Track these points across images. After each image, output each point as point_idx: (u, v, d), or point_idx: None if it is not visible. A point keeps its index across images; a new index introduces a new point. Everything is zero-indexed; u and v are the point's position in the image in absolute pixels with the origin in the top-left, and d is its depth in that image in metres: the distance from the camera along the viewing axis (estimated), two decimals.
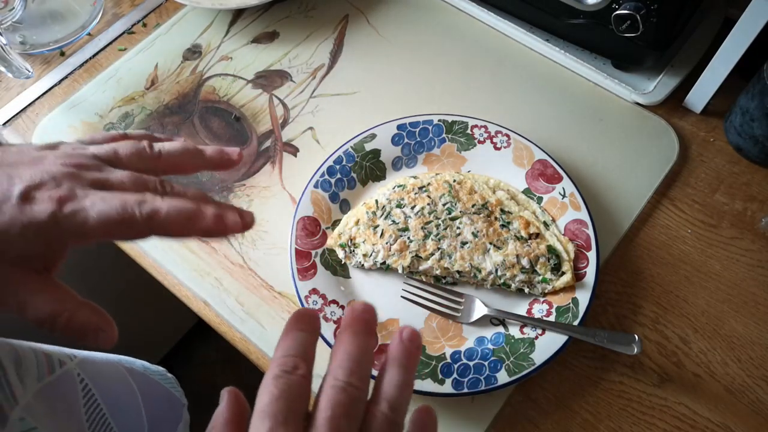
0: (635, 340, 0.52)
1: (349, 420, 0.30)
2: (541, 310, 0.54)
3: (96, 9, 0.75)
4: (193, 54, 0.72)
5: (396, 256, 0.56)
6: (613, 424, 0.51)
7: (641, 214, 0.61)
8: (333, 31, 0.74)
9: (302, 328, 0.33)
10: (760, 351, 0.54)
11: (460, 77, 0.69)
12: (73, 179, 0.33)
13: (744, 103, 0.61)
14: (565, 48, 0.69)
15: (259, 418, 0.29)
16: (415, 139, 0.63)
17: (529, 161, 0.60)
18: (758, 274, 0.57)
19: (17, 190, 0.32)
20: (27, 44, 0.71)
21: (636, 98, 0.66)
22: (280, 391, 0.30)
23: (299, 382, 0.30)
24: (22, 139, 0.66)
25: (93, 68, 0.71)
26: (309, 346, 0.33)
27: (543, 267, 0.54)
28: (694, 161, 0.64)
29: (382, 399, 0.31)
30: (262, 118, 0.68)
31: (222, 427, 0.31)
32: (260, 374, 0.56)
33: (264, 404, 0.29)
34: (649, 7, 0.58)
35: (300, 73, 0.70)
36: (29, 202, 0.31)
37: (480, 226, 0.56)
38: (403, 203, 0.57)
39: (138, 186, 0.34)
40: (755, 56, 0.59)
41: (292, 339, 0.32)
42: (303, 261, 0.56)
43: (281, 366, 0.31)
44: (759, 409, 0.52)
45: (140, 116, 0.68)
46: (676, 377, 0.53)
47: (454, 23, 0.73)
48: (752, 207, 0.61)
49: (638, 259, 0.58)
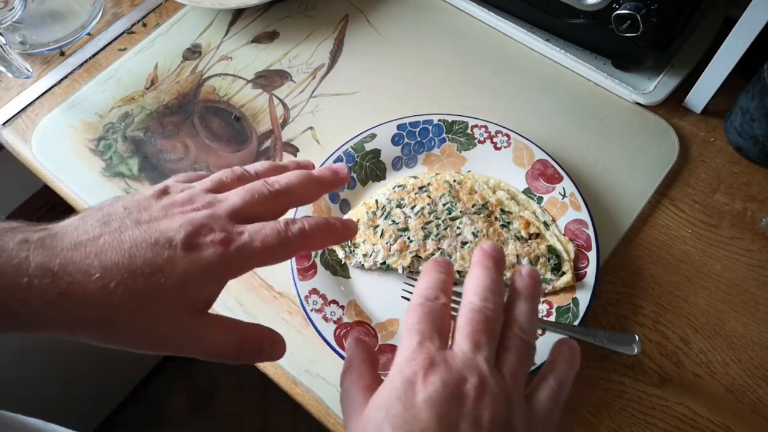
0: (635, 340, 0.52)
1: (488, 335, 0.34)
2: (542, 311, 0.54)
3: (96, 9, 0.75)
4: (193, 54, 0.72)
5: (396, 256, 0.56)
6: (614, 424, 0.51)
7: (641, 214, 0.60)
8: (333, 30, 0.74)
9: (440, 270, 0.37)
10: (761, 351, 0.54)
11: (460, 77, 0.69)
12: (217, 220, 0.35)
13: (744, 103, 0.60)
14: (565, 48, 0.69)
15: (407, 335, 0.34)
16: (415, 139, 0.62)
17: (530, 161, 0.60)
18: (758, 274, 0.57)
19: (178, 243, 0.33)
20: (27, 44, 0.71)
21: (636, 98, 0.66)
22: (425, 313, 0.34)
23: (440, 308, 0.35)
24: (21, 138, 0.66)
25: (93, 68, 0.71)
26: (446, 284, 0.37)
27: (543, 267, 0.54)
28: (695, 161, 0.64)
29: (514, 323, 0.35)
30: (262, 117, 0.68)
31: (360, 363, 0.36)
32: (260, 374, 0.56)
33: (412, 323, 0.34)
34: (649, 7, 0.58)
35: (300, 72, 0.70)
36: (195, 251, 0.33)
37: (480, 226, 0.56)
38: (403, 203, 0.57)
39: (270, 211, 0.38)
40: (756, 56, 0.58)
41: (432, 276, 0.37)
42: (303, 261, 0.56)
43: (424, 296, 0.36)
44: (759, 410, 0.52)
45: (140, 116, 0.68)
46: (676, 377, 0.53)
47: (454, 23, 0.73)
48: (752, 207, 0.61)
49: (638, 259, 0.58)
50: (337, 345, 0.52)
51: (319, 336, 0.52)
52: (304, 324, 0.55)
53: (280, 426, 1.49)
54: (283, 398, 0.65)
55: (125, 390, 1.49)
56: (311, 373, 0.54)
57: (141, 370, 1.51)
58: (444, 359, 0.32)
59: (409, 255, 0.55)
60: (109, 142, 0.66)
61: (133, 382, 1.50)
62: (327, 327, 0.53)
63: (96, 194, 0.63)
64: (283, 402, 1.48)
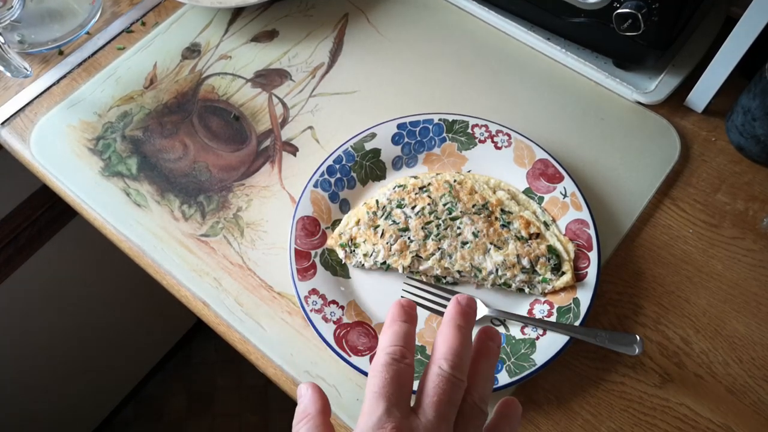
0: (637, 340, 0.51)
1: (451, 406, 0.35)
2: (542, 311, 0.54)
3: (95, 8, 0.74)
4: (192, 53, 0.72)
5: (396, 256, 0.55)
6: (615, 425, 0.51)
7: (642, 214, 0.60)
8: (333, 29, 0.73)
9: (405, 320, 0.38)
10: (762, 351, 0.54)
11: (460, 76, 0.69)
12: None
13: (745, 103, 0.60)
14: (566, 47, 0.69)
15: (374, 398, 0.34)
16: (415, 139, 0.62)
17: (530, 161, 0.60)
18: (760, 274, 0.57)
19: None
20: (25, 43, 0.71)
21: (637, 97, 0.65)
22: (392, 377, 0.35)
23: (407, 370, 0.36)
24: (20, 138, 0.66)
25: (92, 67, 0.71)
26: (411, 337, 0.38)
27: (543, 267, 0.54)
28: (696, 161, 0.63)
29: (474, 390, 0.37)
30: (261, 117, 0.67)
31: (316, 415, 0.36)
32: (260, 374, 0.56)
33: (378, 387, 0.34)
34: (650, 6, 0.58)
35: (299, 72, 0.70)
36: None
37: (480, 226, 0.56)
38: (403, 203, 0.57)
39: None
40: (757, 55, 0.58)
41: (397, 330, 0.37)
42: (302, 261, 0.56)
43: (391, 354, 0.36)
44: (761, 410, 0.51)
45: (139, 115, 0.67)
46: (677, 378, 0.53)
47: (454, 22, 0.73)
48: (754, 207, 0.61)
49: (639, 259, 0.58)
50: (336, 345, 0.52)
51: (319, 336, 0.52)
52: (303, 324, 0.55)
53: (280, 426, 1.49)
54: (283, 398, 0.65)
55: (125, 390, 1.49)
56: (311, 373, 0.53)
57: (140, 370, 1.51)
58: (410, 429, 0.33)
59: (409, 255, 0.55)
60: (107, 141, 0.66)
61: (133, 382, 1.50)
62: (327, 327, 0.52)
63: (95, 194, 0.62)
64: (283, 402, 1.48)
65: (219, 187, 0.63)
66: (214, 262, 0.59)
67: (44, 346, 1.14)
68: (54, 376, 1.21)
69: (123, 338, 1.35)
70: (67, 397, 1.29)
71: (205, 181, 0.63)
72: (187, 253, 0.59)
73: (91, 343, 1.25)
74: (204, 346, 1.59)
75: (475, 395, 0.36)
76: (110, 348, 1.32)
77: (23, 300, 1.03)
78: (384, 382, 0.35)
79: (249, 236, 0.60)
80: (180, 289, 0.58)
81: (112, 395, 1.47)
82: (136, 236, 0.60)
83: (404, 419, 0.34)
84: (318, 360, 0.54)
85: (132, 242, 0.60)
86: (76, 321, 1.18)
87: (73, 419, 1.37)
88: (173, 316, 1.46)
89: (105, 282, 1.20)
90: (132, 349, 1.43)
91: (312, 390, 0.38)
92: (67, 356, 1.21)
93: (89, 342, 1.24)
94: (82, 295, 1.16)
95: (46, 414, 1.26)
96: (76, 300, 1.15)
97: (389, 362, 0.35)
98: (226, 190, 0.63)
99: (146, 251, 0.59)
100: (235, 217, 0.61)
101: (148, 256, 0.59)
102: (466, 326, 0.38)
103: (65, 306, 1.13)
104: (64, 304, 1.13)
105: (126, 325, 1.33)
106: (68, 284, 1.11)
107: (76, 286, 1.14)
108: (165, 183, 0.63)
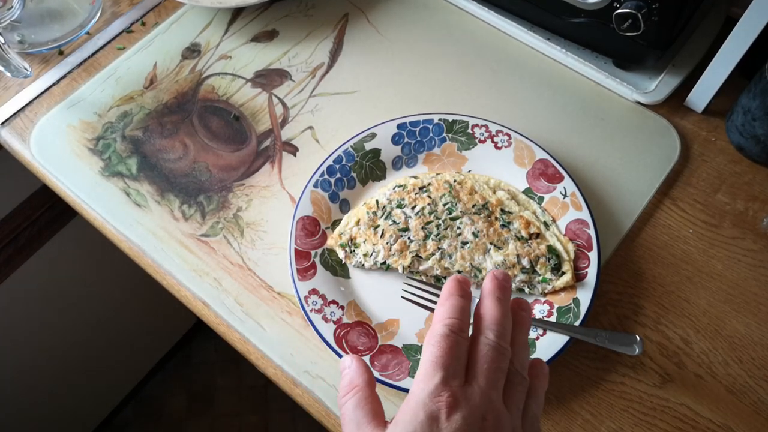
0: (637, 340, 0.51)
1: (500, 373, 0.37)
2: (542, 311, 0.54)
3: (95, 8, 0.74)
4: (192, 53, 0.72)
5: (396, 256, 0.55)
6: (615, 424, 0.51)
7: (643, 214, 0.60)
8: (333, 29, 0.73)
9: (461, 294, 0.39)
10: (762, 351, 0.54)
11: (460, 76, 0.69)
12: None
13: (745, 103, 0.60)
14: (566, 47, 0.69)
15: (432, 367, 0.35)
16: (415, 139, 0.62)
17: (530, 161, 0.60)
18: (760, 275, 0.57)
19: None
20: (25, 43, 0.71)
21: (637, 97, 0.65)
22: (450, 346, 0.36)
23: (463, 343, 0.37)
24: (20, 138, 0.66)
25: (92, 67, 0.71)
26: (466, 312, 0.39)
27: (543, 267, 0.54)
28: (696, 161, 0.63)
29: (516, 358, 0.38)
30: (261, 117, 0.67)
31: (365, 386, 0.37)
32: (260, 374, 0.56)
33: (436, 356, 0.36)
34: (650, 6, 0.58)
35: (299, 72, 0.70)
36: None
37: (480, 226, 0.56)
38: (403, 203, 0.57)
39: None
40: (757, 55, 0.58)
41: (455, 303, 0.38)
42: (302, 261, 0.56)
43: (449, 326, 0.37)
44: (761, 410, 0.51)
45: (139, 115, 0.67)
46: (677, 378, 0.53)
47: (454, 22, 0.73)
48: (754, 207, 0.61)
49: (640, 259, 0.58)
50: (336, 345, 0.52)
51: (319, 336, 0.52)
52: (303, 324, 0.55)
53: (280, 426, 1.49)
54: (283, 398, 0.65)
55: (124, 390, 1.49)
56: (311, 373, 0.53)
57: (140, 370, 1.51)
58: (465, 397, 0.35)
59: (409, 255, 0.55)
60: (107, 141, 0.66)
61: (133, 382, 1.50)
62: (327, 327, 0.52)
63: (95, 194, 0.62)
64: (283, 402, 1.48)
65: (219, 187, 0.63)
66: (214, 262, 0.59)
67: (44, 346, 1.14)
68: (54, 376, 1.21)
69: (123, 338, 1.35)
70: (67, 397, 1.29)
71: (205, 181, 0.63)
72: (187, 253, 0.59)
73: (90, 344, 1.25)
74: (204, 346, 1.59)
75: (516, 363, 0.38)
76: (110, 348, 1.32)
77: (23, 300, 1.03)
78: (442, 351, 0.36)
79: (249, 236, 0.60)
80: (180, 289, 0.58)
81: (112, 395, 1.47)
82: (136, 236, 0.60)
83: (460, 388, 0.35)
84: (318, 360, 0.54)
85: (132, 242, 0.60)
86: (76, 321, 1.18)
87: (73, 419, 1.37)
88: (173, 316, 1.46)
89: (105, 282, 1.20)
90: (132, 349, 1.42)
91: (357, 362, 0.39)
92: (67, 356, 1.21)
93: (89, 342, 1.24)
94: (82, 295, 1.16)
95: (46, 414, 1.26)
96: (76, 300, 1.15)
97: (447, 333, 0.37)
98: (226, 190, 0.63)
99: (146, 251, 0.59)
100: (235, 217, 0.61)
101: (148, 256, 0.59)
102: (504, 298, 0.39)
103: (65, 306, 1.13)
104: (64, 304, 1.13)
105: (126, 325, 1.33)
106: (68, 284, 1.11)
107: (76, 286, 1.13)
108: (165, 183, 0.63)
